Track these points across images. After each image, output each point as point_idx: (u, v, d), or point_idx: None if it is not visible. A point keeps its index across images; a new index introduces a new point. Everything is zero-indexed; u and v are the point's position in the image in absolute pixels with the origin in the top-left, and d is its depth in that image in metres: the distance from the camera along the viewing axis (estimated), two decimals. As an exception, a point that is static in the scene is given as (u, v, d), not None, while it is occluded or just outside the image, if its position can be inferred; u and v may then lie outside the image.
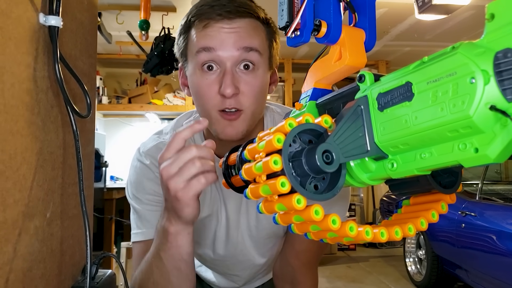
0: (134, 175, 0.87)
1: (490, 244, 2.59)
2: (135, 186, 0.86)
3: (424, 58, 0.34)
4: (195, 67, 0.76)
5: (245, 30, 0.73)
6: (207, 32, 0.73)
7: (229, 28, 0.73)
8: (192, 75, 0.77)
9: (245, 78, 0.74)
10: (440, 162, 0.33)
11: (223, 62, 0.73)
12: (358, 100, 0.39)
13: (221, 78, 0.73)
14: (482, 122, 0.29)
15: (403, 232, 0.42)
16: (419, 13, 1.56)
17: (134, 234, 0.86)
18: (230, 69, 0.73)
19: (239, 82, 0.74)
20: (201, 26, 0.74)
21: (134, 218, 0.87)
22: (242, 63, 0.74)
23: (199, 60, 0.74)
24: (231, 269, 1.00)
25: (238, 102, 0.74)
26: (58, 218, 0.59)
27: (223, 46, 0.72)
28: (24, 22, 0.49)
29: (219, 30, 0.73)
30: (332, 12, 0.47)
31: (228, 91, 0.72)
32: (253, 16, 0.75)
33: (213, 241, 0.92)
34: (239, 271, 1.00)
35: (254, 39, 0.74)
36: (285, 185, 0.37)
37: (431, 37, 4.13)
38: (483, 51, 0.29)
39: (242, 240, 0.92)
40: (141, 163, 0.87)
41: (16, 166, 0.48)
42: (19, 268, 0.49)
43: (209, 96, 0.75)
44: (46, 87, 0.55)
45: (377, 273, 4.00)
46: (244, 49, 0.73)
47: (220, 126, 0.76)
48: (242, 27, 0.73)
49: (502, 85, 0.28)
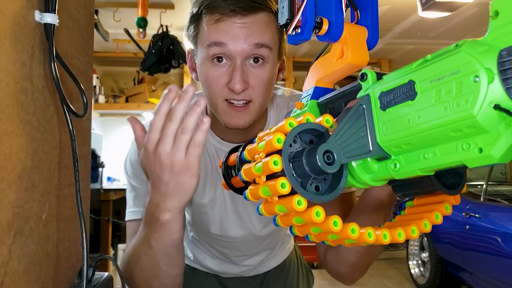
0: (135, 153, 0.88)
1: (495, 246, 2.59)
2: (136, 165, 0.87)
3: (427, 56, 0.34)
4: (205, 58, 0.77)
5: (257, 26, 0.75)
6: (219, 26, 0.74)
7: (241, 23, 0.74)
8: (202, 64, 0.79)
9: (254, 71, 0.76)
10: (444, 162, 0.33)
11: (233, 57, 0.75)
12: (360, 99, 0.39)
13: (231, 71, 0.75)
14: (486, 121, 0.29)
15: (406, 234, 0.42)
16: (422, 11, 1.56)
17: (130, 212, 0.87)
18: (240, 64, 0.75)
19: (248, 76, 0.76)
20: (213, 19, 0.75)
21: (131, 196, 0.88)
22: (252, 57, 0.76)
23: (210, 53, 0.76)
24: (240, 249, 1.00)
25: (248, 95, 0.77)
26: (54, 219, 0.59)
27: (234, 41, 0.74)
28: (20, 19, 0.49)
29: (231, 24, 0.74)
30: (334, 9, 0.47)
31: (238, 86, 0.74)
32: (266, 10, 0.76)
33: (220, 223, 0.93)
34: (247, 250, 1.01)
35: (265, 34, 0.76)
36: (285, 186, 0.36)
37: (435, 35, 4.13)
38: (487, 49, 0.29)
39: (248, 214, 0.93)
40: None
41: (11, 166, 0.48)
42: (14, 271, 0.49)
43: (217, 87, 0.77)
44: (41, 86, 0.55)
45: (380, 276, 4.00)
46: (255, 45, 0.74)
47: (228, 116, 0.78)
48: (255, 22, 0.75)
49: (506, 84, 0.28)
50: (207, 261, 1.06)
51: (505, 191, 3.57)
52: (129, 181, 0.89)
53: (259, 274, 1.09)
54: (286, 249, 1.13)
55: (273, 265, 1.10)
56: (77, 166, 0.57)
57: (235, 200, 0.92)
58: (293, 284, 1.12)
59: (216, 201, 0.92)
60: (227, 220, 0.93)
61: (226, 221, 0.94)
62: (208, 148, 0.90)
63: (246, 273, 1.07)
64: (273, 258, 1.09)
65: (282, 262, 1.11)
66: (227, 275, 1.08)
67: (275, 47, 0.78)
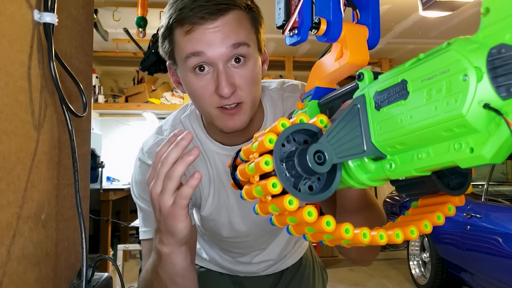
0: (139, 175, 0.89)
1: (496, 247, 2.59)
2: (140, 186, 0.89)
3: (420, 55, 0.34)
4: (187, 70, 0.77)
5: (230, 26, 0.74)
6: (192, 36, 0.73)
7: (213, 28, 0.73)
8: (185, 77, 0.79)
9: (238, 72, 0.76)
10: (437, 162, 0.33)
11: (214, 63, 0.74)
12: (355, 99, 0.40)
13: (215, 77, 0.75)
14: (476, 121, 0.29)
15: (404, 234, 0.42)
16: (423, 10, 1.56)
17: (142, 232, 0.90)
18: (223, 68, 0.74)
19: (233, 78, 0.75)
20: (184, 30, 0.74)
21: (141, 216, 0.91)
22: (233, 58, 0.76)
23: (190, 64, 0.75)
24: (254, 245, 1.01)
25: (237, 97, 0.76)
26: (53, 220, 0.60)
27: (211, 47, 0.73)
28: (19, 19, 0.50)
29: (204, 32, 0.73)
30: (332, 9, 0.47)
31: (226, 91, 0.73)
32: (234, 8, 0.75)
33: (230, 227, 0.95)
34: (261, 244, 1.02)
35: (240, 33, 0.75)
36: (276, 186, 0.37)
37: (436, 35, 4.13)
38: (477, 47, 0.29)
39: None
40: (144, 163, 0.89)
41: (10, 166, 0.48)
42: (13, 271, 0.49)
43: (205, 96, 0.76)
44: (41, 85, 0.55)
45: (380, 276, 4.00)
46: (232, 46, 0.74)
47: (222, 121, 0.78)
48: (226, 24, 0.74)
49: (495, 82, 0.28)
50: (224, 261, 1.07)
51: (506, 191, 3.57)
52: (136, 202, 0.91)
53: (276, 272, 1.10)
54: (302, 246, 1.14)
55: (290, 263, 1.11)
56: (77, 166, 0.57)
57: (239, 199, 0.93)
58: (309, 282, 1.13)
59: (222, 207, 0.93)
60: (236, 222, 0.94)
61: (235, 223, 0.94)
62: (209, 155, 0.90)
63: (263, 271, 1.08)
64: (290, 256, 1.10)
65: (298, 259, 1.13)
66: (244, 274, 1.09)
67: (253, 42, 0.78)
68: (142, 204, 0.89)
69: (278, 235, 1.03)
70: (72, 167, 0.57)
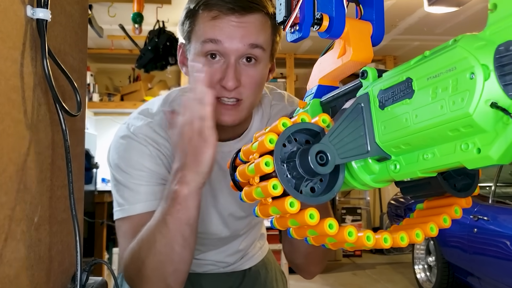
0: (126, 151, 0.88)
1: (504, 250, 2.59)
2: (124, 160, 0.87)
3: (426, 52, 0.34)
4: (199, 53, 0.81)
5: (254, 26, 0.79)
6: (216, 23, 0.78)
7: (238, 22, 0.78)
8: (194, 59, 0.82)
9: (247, 70, 0.81)
10: (443, 163, 0.33)
11: (227, 55, 0.79)
12: (358, 98, 0.40)
13: (224, 69, 0.79)
14: (483, 120, 0.29)
15: (409, 238, 0.42)
16: (429, 6, 1.57)
17: (118, 211, 0.87)
18: (234, 62, 0.79)
19: (241, 74, 0.80)
20: (210, 16, 0.79)
21: (119, 194, 0.88)
22: (245, 57, 0.80)
23: (204, 49, 0.80)
24: (216, 244, 1.03)
25: (238, 93, 0.81)
26: (46, 222, 0.60)
27: (230, 40, 0.78)
28: (11, 15, 0.50)
29: (228, 22, 0.78)
30: (335, 4, 0.47)
31: (230, 84, 0.78)
32: (262, 11, 0.80)
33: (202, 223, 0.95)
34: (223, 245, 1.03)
35: (260, 35, 0.80)
36: (277, 188, 0.37)
37: (442, 31, 4.13)
38: (484, 44, 0.29)
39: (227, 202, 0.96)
40: (132, 139, 0.88)
41: (2, 167, 0.48)
42: (5, 275, 0.49)
43: (208, 84, 0.78)
44: (33, 83, 0.55)
45: (385, 281, 4.01)
46: (250, 45, 0.79)
47: (217, 113, 0.80)
48: (251, 23, 0.79)
49: (503, 81, 0.28)
50: None
51: (515, 193, 3.57)
52: (114, 175, 0.89)
53: (236, 271, 1.10)
54: (263, 248, 1.16)
55: (252, 264, 1.12)
56: (70, 167, 0.57)
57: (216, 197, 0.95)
58: (272, 285, 1.14)
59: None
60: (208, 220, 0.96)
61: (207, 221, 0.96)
62: None
63: (224, 267, 1.07)
64: (251, 257, 1.11)
65: (260, 261, 1.14)
66: (203, 269, 1.07)
67: (268, 49, 0.83)
68: (122, 178, 0.87)
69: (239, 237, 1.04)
70: (66, 168, 0.57)
